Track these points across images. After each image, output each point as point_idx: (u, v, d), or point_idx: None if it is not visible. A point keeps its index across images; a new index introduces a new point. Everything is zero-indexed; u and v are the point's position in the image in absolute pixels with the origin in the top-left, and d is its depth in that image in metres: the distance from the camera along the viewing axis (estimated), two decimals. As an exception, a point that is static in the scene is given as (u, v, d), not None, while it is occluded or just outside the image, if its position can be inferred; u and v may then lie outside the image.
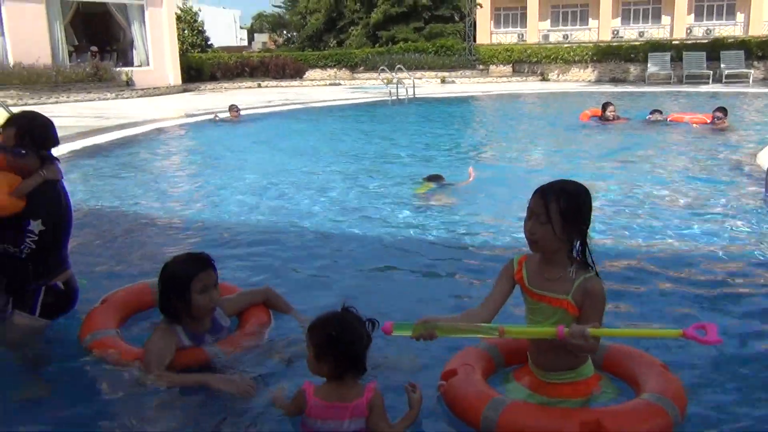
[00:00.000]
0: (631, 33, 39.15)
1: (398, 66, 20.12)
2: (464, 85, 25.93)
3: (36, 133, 3.39)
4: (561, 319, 2.55)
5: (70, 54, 21.27)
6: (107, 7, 22.31)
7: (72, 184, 7.69)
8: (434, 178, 6.99)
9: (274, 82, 26.54)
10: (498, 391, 2.83)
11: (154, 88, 21.56)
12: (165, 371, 3.02)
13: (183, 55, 26.05)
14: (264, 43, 53.43)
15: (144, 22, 22.68)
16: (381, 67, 20.73)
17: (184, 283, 3.12)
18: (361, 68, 29.42)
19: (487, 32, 42.13)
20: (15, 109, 15.49)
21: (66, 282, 3.53)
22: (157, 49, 22.92)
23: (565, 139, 11.03)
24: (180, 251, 4.90)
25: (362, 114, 16.30)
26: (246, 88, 25.29)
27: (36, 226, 3.30)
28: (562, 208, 2.50)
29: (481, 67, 29.59)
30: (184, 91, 23.00)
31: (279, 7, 48.97)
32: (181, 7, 36.42)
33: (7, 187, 3.21)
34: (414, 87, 19.47)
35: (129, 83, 21.69)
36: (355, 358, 2.42)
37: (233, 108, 13.87)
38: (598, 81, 25.66)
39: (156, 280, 3.67)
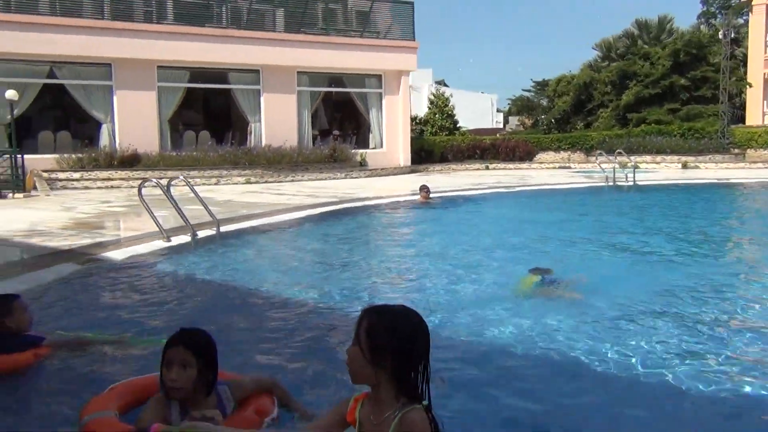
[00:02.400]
0: None
1: (618, 150, 19.07)
2: (709, 171, 23.57)
3: None
4: None
5: (315, 138, 23.77)
6: (350, 95, 24.63)
7: (232, 259, 8.57)
8: (540, 272, 6.49)
9: (502, 165, 26.75)
10: None
11: (382, 169, 23.07)
12: None
13: (418, 137, 27.63)
14: (517, 125, 54.27)
15: (381, 108, 24.58)
16: (598, 152, 19.82)
17: (162, 355, 3.14)
18: (597, 151, 28.35)
19: (759, 113, 37.93)
20: (256, 186, 17.59)
21: None
22: (391, 132, 24.60)
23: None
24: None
25: (566, 200, 15.68)
26: (474, 169, 25.85)
27: None
28: (370, 328, 2.26)
29: (736, 151, 26.69)
30: (412, 171, 24.23)
31: (529, 90, 49.67)
32: (435, 93, 38.84)
33: None
34: (634, 172, 18.27)
35: (362, 164, 23.52)
36: None
37: (423, 189, 14.27)
38: None
39: None
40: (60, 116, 21.59)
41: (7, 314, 4.49)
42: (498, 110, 67.43)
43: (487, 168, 26.16)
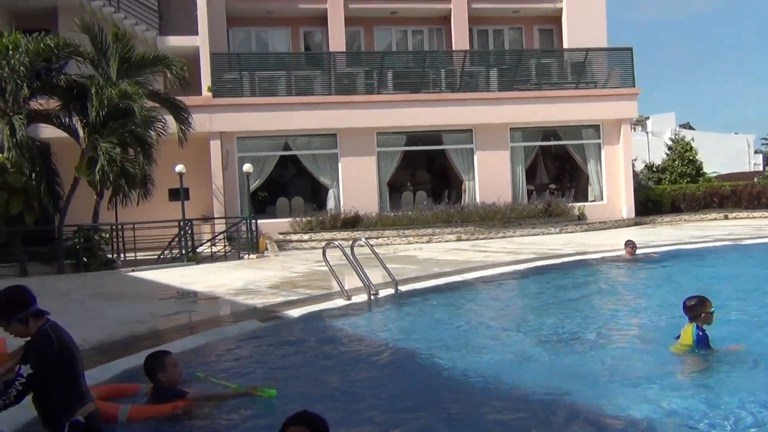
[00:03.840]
0: None
1: None
2: None
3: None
4: None
5: (530, 192, 23.55)
6: (567, 147, 24.10)
7: (398, 318, 8.92)
8: (696, 305, 5.78)
9: (745, 213, 24.02)
10: None
11: (601, 222, 22.05)
12: None
13: (645, 187, 26.03)
14: (777, 167, 48.38)
15: (600, 159, 23.65)
16: None
17: None
18: None
19: None
20: (465, 243, 17.87)
21: (88, 416, 4.04)
22: (611, 183, 23.51)
23: None
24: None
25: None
26: (709, 219, 23.58)
27: (25, 370, 3.83)
28: None
29: None
30: (636, 224, 22.82)
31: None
32: (673, 138, 36.43)
33: None
34: None
35: (581, 217, 22.71)
36: None
37: (628, 244, 13.44)
38: None
39: None
40: (294, 184, 24.02)
41: (160, 370, 5.20)
42: (756, 151, 60.79)
43: (726, 217, 23.69)
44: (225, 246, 17.92)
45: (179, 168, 17.75)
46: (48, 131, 18.26)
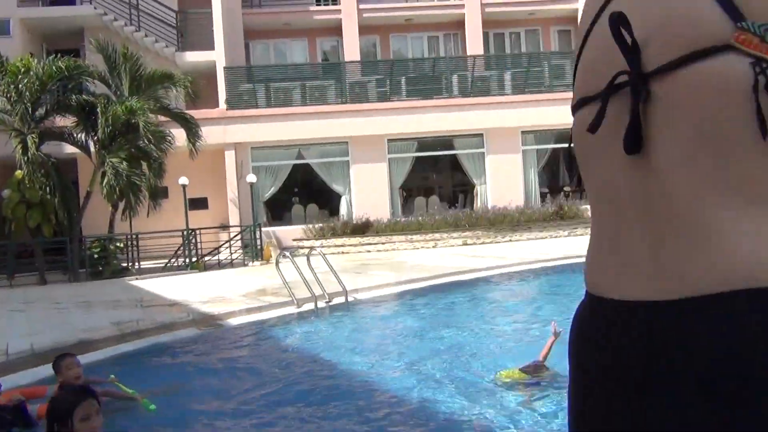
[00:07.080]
0: None
1: None
2: None
3: None
4: None
5: (544, 196, 23.43)
6: (582, 150, 23.85)
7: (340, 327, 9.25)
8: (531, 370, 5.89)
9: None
10: None
11: (614, 225, 21.76)
12: None
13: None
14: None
15: (616, 160, 23.31)
16: None
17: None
18: None
19: None
20: (467, 249, 18.03)
21: None
22: (628, 185, 23.13)
23: None
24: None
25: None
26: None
27: None
28: None
29: None
30: (653, 226, 22.41)
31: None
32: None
33: None
34: None
35: (596, 220, 22.46)
36: None
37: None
38: None
39: None
40: (309, 191, 24.50)
41: (58, 371, 5.79)
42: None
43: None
44: (231, 254, 18.61)
45: (182, 180, 18.56)
46: (71, 148, 19.35)
